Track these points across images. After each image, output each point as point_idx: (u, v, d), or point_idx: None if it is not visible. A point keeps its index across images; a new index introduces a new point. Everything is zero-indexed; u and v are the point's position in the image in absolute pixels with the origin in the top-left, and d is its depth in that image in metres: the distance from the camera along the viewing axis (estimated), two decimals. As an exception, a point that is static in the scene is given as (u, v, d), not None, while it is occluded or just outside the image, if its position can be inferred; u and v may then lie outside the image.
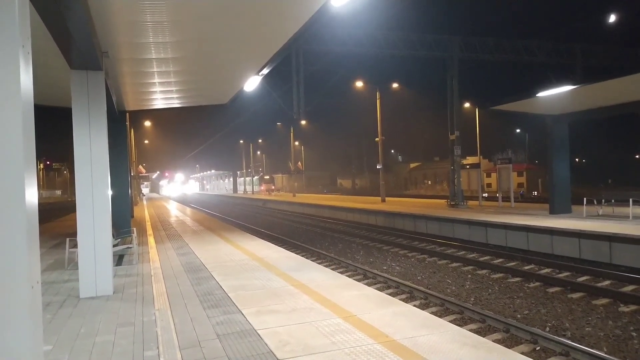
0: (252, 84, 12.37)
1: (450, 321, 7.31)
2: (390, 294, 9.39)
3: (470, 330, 6.68)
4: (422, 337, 4.79)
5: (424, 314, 5.67)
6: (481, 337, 4.83)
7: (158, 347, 4.82)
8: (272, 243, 13.88)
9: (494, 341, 5.94)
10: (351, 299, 6.42)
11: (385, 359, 4.27)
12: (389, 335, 4.88)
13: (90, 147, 7.41)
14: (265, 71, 11.41)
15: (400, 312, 5.74)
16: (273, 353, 4.52)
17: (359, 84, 32.35)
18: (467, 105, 40.23)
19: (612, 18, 24.52)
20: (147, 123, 43.29)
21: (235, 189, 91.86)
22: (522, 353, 6.17)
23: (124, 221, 13.69)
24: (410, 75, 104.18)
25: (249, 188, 76.42)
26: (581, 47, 27.19)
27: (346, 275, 10.25)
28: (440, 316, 8.15)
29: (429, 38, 24.15)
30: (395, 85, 34.22)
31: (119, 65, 9.96)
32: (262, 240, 13.25)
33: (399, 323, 5.29)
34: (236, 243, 12.67)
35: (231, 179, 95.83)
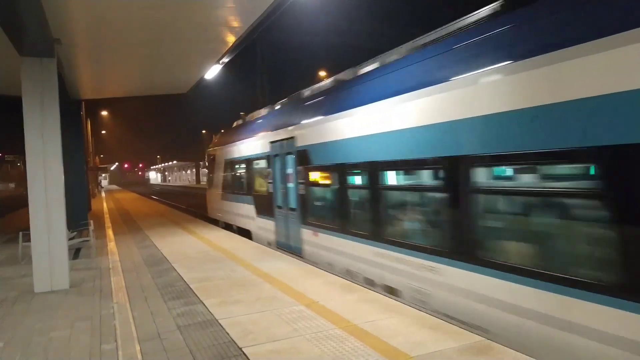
0: (212, 72, 12.17)
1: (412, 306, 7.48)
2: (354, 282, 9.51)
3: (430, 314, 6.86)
4: (383, 321, 4.90)
5: (386, 300, 5.78)
6: (440, 320, 4.97)
7: (116, 341, 4.74)
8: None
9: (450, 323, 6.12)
10: (315, 287, 6.47)
11: (345, 343, 4.35)
12: (351, 321, 4.96)
13: (42, 137, 7.12)
14: (226, 59, 11.25)
15: (363, 298, 5.84)
16: (235, 342, 4.52)
17: (322, 74, 32.35)
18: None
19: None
20: (105, 113, 41.88)
21: (198, 180, 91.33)
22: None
23: (80, 214, 13.29)
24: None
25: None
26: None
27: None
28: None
29: (389, 30, 24.38)
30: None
31: (73, 52, 9.60)
32: (227, 232, 13.13)
33: (361, 308, 5.38)
34: (200, 234, 12.51)
35: (194, 170, 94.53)
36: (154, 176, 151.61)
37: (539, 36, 4.18)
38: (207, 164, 19.52)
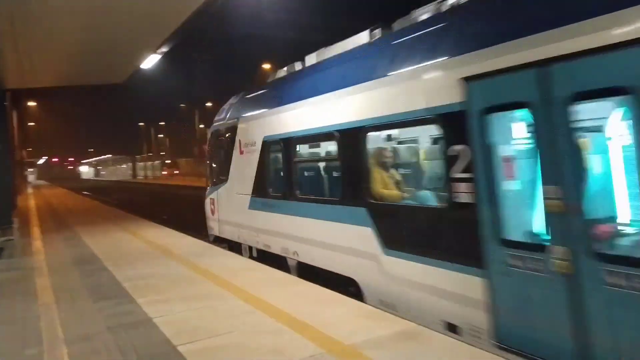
0: (150, 62, 11.74)
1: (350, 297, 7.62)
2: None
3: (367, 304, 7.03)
4: (321, 313, 4.94)
5: (325, 291, 5.84)
6: (374, 309, 5.11)
7: (42, 344, 4.47)
8: (179, 231, 13.38)
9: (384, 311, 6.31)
10: (255, 281, 6.42)
11: (283, 336, 4.36)
12: (289, 313, 4.97)
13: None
14: (165, 49, 10.89)
15: (302, 291, 5.87)
16: (170, 341, 4.40)
17: (266, 66, 32.09)
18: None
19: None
20: (33, 103, 39.05)
21: (135, 175, 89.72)
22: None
23: (3, 211, 12.39)
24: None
25: (149, 173, 73.87)
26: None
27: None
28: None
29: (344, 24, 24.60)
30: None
31: (-8, 36, 8.91)
32: (165, 228, 12.75)
33: (300, 301, 5.40)
34: (135, 232, 12.05)
35: (130, 164, 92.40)
36: (86, 170, 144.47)
37: None
38: (210, 149, 11.54)
